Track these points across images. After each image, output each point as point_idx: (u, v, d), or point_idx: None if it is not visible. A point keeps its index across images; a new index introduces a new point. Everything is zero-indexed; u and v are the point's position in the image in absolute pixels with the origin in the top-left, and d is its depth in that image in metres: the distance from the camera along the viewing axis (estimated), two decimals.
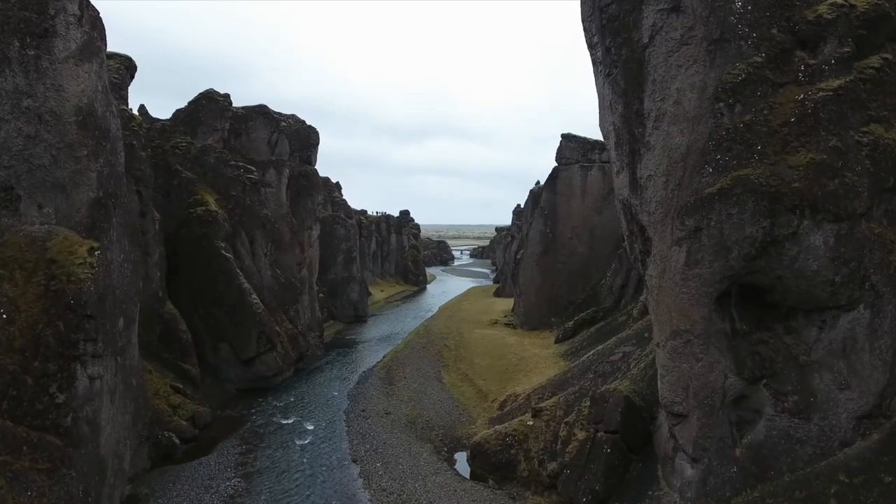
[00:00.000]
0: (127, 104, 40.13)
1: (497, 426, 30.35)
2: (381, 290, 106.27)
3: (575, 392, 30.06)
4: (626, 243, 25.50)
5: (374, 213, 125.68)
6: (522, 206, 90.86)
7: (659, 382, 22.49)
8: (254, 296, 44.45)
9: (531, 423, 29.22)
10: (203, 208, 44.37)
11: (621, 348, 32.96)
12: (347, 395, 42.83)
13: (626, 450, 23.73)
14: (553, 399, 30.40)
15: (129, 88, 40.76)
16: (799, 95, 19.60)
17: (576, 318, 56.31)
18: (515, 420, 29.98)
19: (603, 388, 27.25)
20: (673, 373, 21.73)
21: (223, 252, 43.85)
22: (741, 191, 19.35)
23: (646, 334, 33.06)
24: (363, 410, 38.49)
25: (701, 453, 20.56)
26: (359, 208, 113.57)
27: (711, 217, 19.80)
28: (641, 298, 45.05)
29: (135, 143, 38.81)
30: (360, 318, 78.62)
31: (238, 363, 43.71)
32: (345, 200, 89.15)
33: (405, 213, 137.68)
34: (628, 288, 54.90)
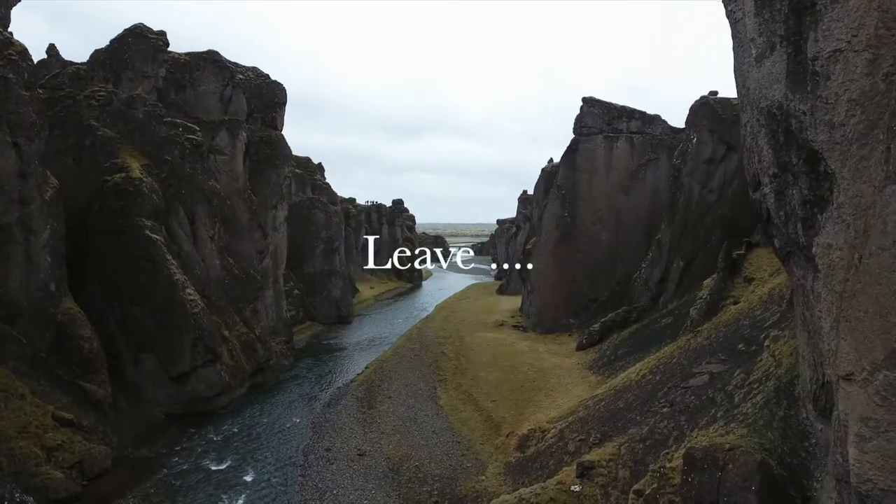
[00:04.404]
0: (6, 27, 29.44)
1: (522, 490, 19.63)
2: (371, 287, 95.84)
3: (643, 437, 19.42)
4: (759, 193, 14.75)
5: (366, 203, 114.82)
6: (531, 191, 79.82)
7: (852, 448, 11.79)
8: (189, 290, 33.65)
9: (577, 487, 18.59)
10: (122, 175, 33.55)
11: (704, 366, 22.30)
12: (312, 423, 32.13)
13: None
14: (609, 448, 19.74)
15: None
16: None
17: (602, 319, 46.07)
18: (552, 482, 19.26)
19: (700, 438, 16.64)
20: (888, 433, 11.12)
21: (147, 233, 33.04)
22: None
23: (740, 346, 22.45)
24: (328, 449, 27.78)
25: None
26: (347, 196, 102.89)
27: None
28: (701, 294, 34.40)
29: (11, 76, 28.12)
30: (343, 319, 67.78)
31: (167, 380, 32.94)
32: (328, 184, 78.34)
33: (399, 203, 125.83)
34: (668, 283, 44.35)
